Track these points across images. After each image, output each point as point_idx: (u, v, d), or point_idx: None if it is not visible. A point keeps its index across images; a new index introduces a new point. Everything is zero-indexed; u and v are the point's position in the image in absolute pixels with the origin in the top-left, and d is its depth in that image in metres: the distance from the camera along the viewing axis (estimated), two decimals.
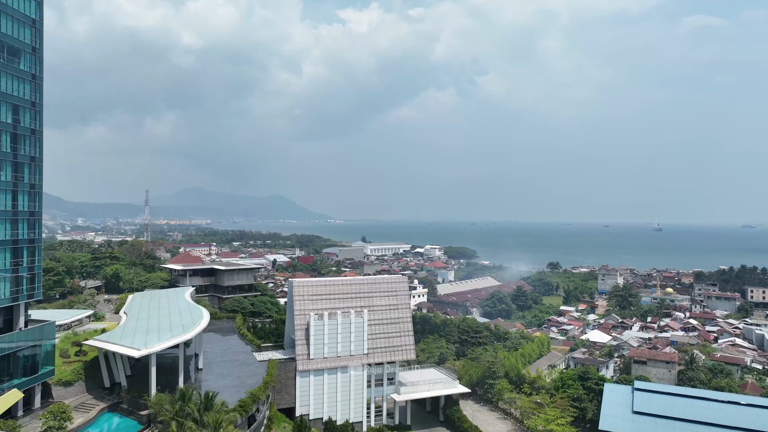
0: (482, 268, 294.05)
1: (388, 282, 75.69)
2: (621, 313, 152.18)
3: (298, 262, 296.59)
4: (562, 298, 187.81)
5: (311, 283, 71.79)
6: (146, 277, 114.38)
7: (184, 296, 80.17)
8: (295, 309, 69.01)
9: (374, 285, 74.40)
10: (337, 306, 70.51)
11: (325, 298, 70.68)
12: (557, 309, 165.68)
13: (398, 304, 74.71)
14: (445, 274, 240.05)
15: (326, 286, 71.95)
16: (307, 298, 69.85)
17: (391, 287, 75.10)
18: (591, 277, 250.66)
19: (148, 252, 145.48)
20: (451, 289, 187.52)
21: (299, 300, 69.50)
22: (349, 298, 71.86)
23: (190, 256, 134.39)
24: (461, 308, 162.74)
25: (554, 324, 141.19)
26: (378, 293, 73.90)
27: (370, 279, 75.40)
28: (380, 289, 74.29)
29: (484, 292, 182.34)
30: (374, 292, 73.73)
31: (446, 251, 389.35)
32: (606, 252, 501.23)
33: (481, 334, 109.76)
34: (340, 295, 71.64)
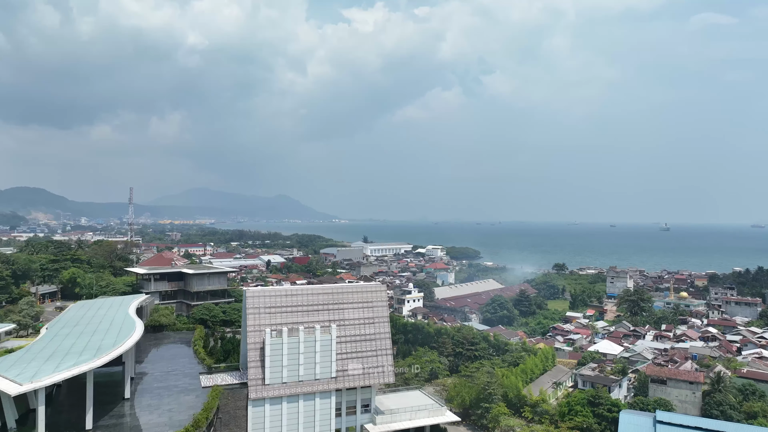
0: (485, 269, 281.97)
1: (363, 291, 64.17)
2: (632, 320, 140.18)
3: (293, 263, 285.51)
4: (569, 302, 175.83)
5: (268, 293, 60.32)
6: (107, 282, 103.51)
7: (128, 307, 68.94)
8: (249, 324, 57.73)
9: (346, 295, 62.92)
10: (299, 320, 59.16)
11: (286, 310, 59.33)
12: (563, 315, 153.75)
13: (375, 318, 63.24)
14: (445, 276, 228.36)
15: (287, 296, 60.52)
16: (263, 311, 58.51)
17: (366, 297, 63.65)
18: (599, 279, 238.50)
19: (119, 253, 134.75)
20: (449, 293, 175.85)
21: (254, 314, 58.20)
22: (315, 311, 60.49)
23: (162, 257, 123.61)
24: (459, 314, 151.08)
25: (560, 332, 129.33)
26: (350, 304, 62.49)
27: (342, 288, 63.77)
28: (353, 300, 62.86)
29: (485, 296, 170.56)
30: (346, 303, 62.32)
31: (448, 252, 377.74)
32: (613, 252, 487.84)
33: (477, 346, 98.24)
34: (304, 307, 60.26)
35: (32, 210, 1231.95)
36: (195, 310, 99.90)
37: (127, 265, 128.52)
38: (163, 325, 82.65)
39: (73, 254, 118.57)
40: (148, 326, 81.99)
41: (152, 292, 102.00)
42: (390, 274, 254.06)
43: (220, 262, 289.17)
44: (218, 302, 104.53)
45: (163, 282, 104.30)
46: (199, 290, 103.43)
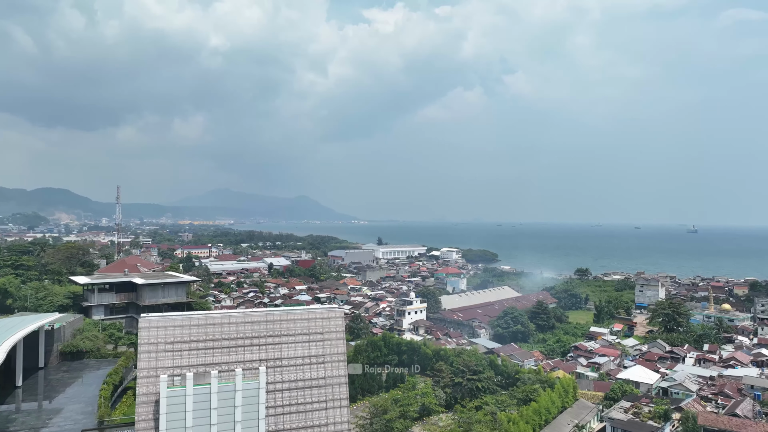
0: (501, 274, 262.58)
1: (310, 318, 47.13)
2: (668, 338, 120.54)
3: (296, 266, 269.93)
4: (593, 314, 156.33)
5: (171, 322, 43.56)
6: (45, 293, 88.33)
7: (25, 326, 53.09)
8: (140, 367, 41.20)
9: (286, 324, 46.01)
10: (214, 361, 42.51)
11: (196, 347, 42.71)
12: (586, 330, 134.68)
13: (326, 356, 46.22)
14: (457, 282, 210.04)
15: (199, 326, 43.76)
16: (161, 349, 41.98)
17: (315, 326, 46.67)
18: (626, 286, 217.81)
19: (82, 257, 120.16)
20: (458, 303, 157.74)
21: (148, 351, 41.71)
22: (239, 347, 43.80)
23: (125, 263, 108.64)
24: (467, 329, 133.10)
25: (582, 353, 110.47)
26: (292, 337, 45.64)
27: (280, 314, 46.82)
28: (296, 331, 45.96)
29: (498, 307, 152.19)
30: (285, 336, 45.48)
31: (464, 254, 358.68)
32: (640, 256, 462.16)
33: (480, 376, 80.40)
34: (223, 341, 43.59)
35: (55, 210, 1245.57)
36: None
37: (90, 271, 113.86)
38: (83, 351, 66.76)
39: (15, 260, 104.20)
40: (65, 353, 66.29)
41: (95, 305, 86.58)
42: (398, 279, 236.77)
43: (221, 264, 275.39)
44: None
45: (110, 293, 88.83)
46: (151, 303, 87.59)
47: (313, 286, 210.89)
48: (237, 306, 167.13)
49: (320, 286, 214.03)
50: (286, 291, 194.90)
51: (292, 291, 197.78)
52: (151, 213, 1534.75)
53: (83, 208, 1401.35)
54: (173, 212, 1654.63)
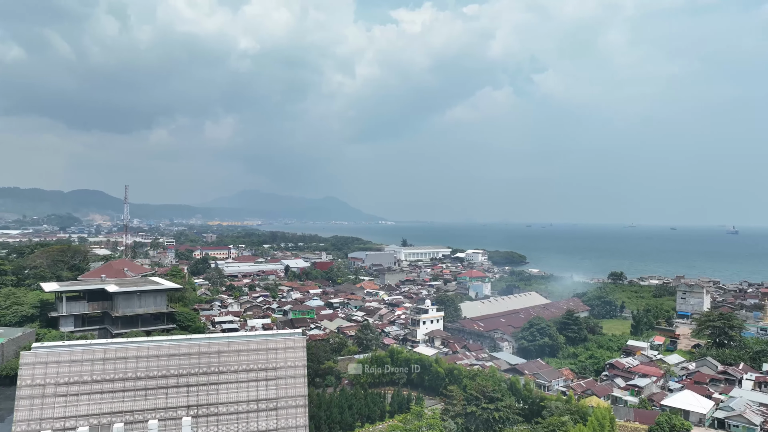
0: (528, 278, 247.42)
1: (259, 349, 36.15)
2: (718, 354, 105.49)
3: (314, 268, 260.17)
4: (630, 323, 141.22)
5: (65, 356, 32.90)
6: (13, 301, 79.51)
7: None
8: (17, 420, 30.63)
9: (224, 357, 35.08)
10: (123, 408, 31.72)
11: (98, 389, 32.00)
12: (623, 343, 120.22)
13: (279, 400, 35.18)
14: (479, 287, 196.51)
15: (104, 360, 33.04)
16: (49, 392, 31.41)
17: (265, 361, 35.64)
18: (665, 292, 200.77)
19: (67, 260, 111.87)
20: (479, 311, 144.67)
21: (29, 398, 31.14)
22: (158, 390, 32.91)
23: (111, 267, 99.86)
24: (488, 341, 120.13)
25: (620, 372, 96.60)
26: (232, 374, 34.60)
27: (218, 343, 36.01)
28: (238, 366, 34.97)
29: (524, 315, 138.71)
30: (223, 373, 34.49)
31: (490, 256, 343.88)
32: (677, 259, 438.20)
33: (498, 404, 68.00)
34: (135, 381, 32.74)
35: (89, 212, 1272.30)
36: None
37: (77, 275, 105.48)
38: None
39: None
40: (2, 376, 56.80)
41: (64, 316, 77.31)
42: (418, 283, 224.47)
43: (237, 266, 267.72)
44: (151, 330, 78.90)
45: (81, 303, 79.48)
46: (125, 314, 77.95)
47: (328, 290, 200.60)
48: (244, 312, 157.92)
49: (336, 290, 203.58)
50: (299, 295, 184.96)
51: (304, 295, 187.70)
52: (181, 214, 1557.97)
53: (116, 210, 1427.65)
54: (203, 213, 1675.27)
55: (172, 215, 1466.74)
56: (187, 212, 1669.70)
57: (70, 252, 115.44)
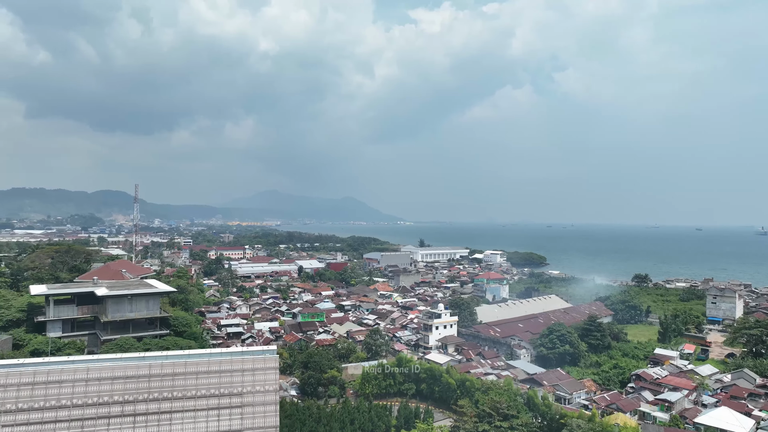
0: (549, 280, 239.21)
1: (222, 371, 30.67)
2: (756, 365, 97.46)
3: (328, 269, 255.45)
4: (657, 330, 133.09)
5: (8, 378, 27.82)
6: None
7: None
8: None
9: (181, 379, 29.68)
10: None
11: (24, 419, 26.75)
12: (650, 351, 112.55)
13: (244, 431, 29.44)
14: (497, 289, 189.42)
15: (33, 385, 27.77)
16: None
17: (230, 384, 30.14)
18: (693, 295, 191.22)
19: (68, 260, 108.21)
20: (496, 315, 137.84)
21: None
22: (99, 420, 27.60)
23: (108, 268, 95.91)
24: (504, 348, 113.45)
25: (647, 384, 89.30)
26: (190, 401, 29.18)
27: (173, 363, 30.67)
28: (197, 391, 29.50)
29: (543, 320, 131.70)
30: (179, 400, 29.07)
31: (509, 257, 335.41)
32: (704, 261, 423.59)
33: (513, 422, 61.78)
34: (71, 410, 27.47)
35: (112, 212, 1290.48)
36: (104, 349, 70.07)
37: (73, 277, 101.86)
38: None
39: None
40: None
41: (51, 320, 73.13)
42: (434, 285, 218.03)
43: (251, 267, 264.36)
44: (143, 336, 74.31)
45: (70, 306, 75.29)
46: (115, 318, 73.49)
47: (340, 292, 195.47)
48: (253, 314, 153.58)
49: (348, 291, 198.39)
50: (310, 297, 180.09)
51: (316, 297, 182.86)
52: (202, 214, 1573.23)
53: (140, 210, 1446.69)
54: (224, 213, 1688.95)
55: (192, 215, 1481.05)
56: (208, 212, 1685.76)
57: (70, 252, 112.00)
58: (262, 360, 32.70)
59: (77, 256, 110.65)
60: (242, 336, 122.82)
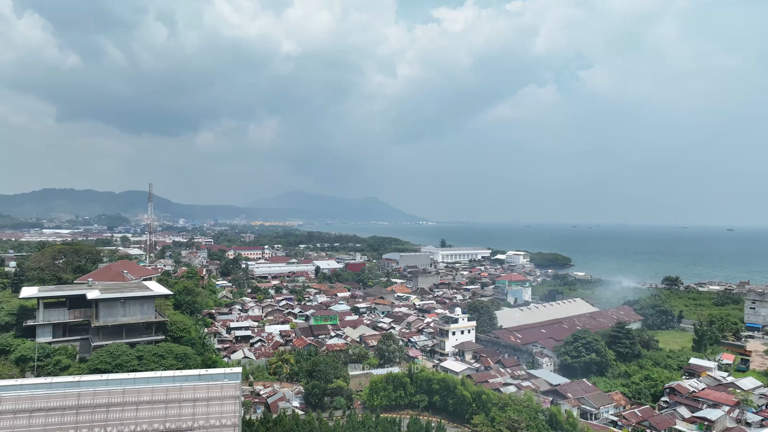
0: (573, 282, 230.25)
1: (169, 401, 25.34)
2: None
3: (345, 269, 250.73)
4: (692, 338, 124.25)
5: None
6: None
7: None
8: None
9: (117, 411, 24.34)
10: None
11: None
12: (684, 361, 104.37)
13: None
14: (519, 292, 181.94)
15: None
16: None
17: (176, 416, 24.78)
18: (728, 299, 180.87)
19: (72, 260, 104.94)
20: (517, 319, 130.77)
21: None
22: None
23: (110, 269, 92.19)
24: (525, 356, 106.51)
25: (682, 399, 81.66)
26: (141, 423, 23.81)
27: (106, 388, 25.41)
28: (136, 425, 24.11)
29: (568, 325, 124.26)
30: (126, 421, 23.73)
31: (532, 258, 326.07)
32: (738, 262, 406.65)
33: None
34: None
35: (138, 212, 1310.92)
36: (94, 356, 65.88)
37: (75, 277, 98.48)
38: None
39: None
40: None
41: (41, 324, 69.20)
42: (453, 287, 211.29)
43: (268, 267, 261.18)
44: (136, 341, 69.92)
45: (62, 310, 71.34)
46: (107, 323, 69.23)
47: (356, 293, 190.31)
48: (265, 316, 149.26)
49: (365, 293, 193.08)
50: (325, 299, 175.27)
51: (332, 298, 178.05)
52: (226, 214, 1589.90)
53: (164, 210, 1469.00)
54: (247, 214, 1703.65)
55: (217, 216, 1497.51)
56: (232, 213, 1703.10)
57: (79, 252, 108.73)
58: (220, 388, 27.39)
59: (83, 256, 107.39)
60: (251, 339, 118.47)
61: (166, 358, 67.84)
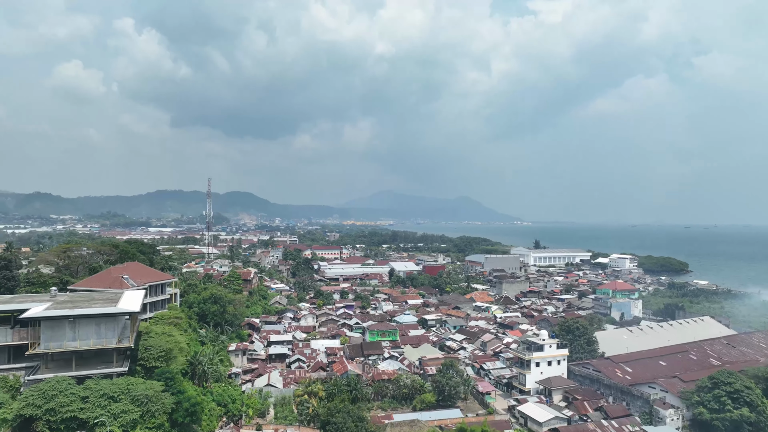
0: (695, 293, 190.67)
1: None
2: None
3: (422, 272, 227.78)
4: None
5: None
6: None
7: None
8: None
9: None
10: None
11: None
12: None
13: None
14: (626, 305, 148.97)
15: None
16: None
17: None
18: None
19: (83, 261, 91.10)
20: (625, 345, 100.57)
21: None
22: None
23: (109, 274, 76.52)
24: (639, 402, 77.54)
25: None
26: None
27: None
28: None
29: (698, 355, 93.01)
30: None
31: (641, 263, 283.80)
32: None
33: None
34: None
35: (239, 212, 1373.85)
36: (23, 395, 48.71)
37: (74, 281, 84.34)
38: None
39: None
40: None
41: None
42: (544, 296, 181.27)
43: (341, 268, 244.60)
44: (87, 375, 52.09)
45: (4, 329, 55.10)
46: (48, 350, 51.92)
47: (429, 301, 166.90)
48: (318, 327, 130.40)
49: (439, 300, 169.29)
50: (392, 307, 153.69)
51: (400, 306, 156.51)
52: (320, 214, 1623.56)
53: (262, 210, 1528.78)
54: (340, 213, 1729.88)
55: (311, 215, 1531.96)
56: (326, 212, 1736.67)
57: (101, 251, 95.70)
58: None
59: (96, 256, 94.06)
60: (288, 358, 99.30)
61: (119, 401, 49.34)
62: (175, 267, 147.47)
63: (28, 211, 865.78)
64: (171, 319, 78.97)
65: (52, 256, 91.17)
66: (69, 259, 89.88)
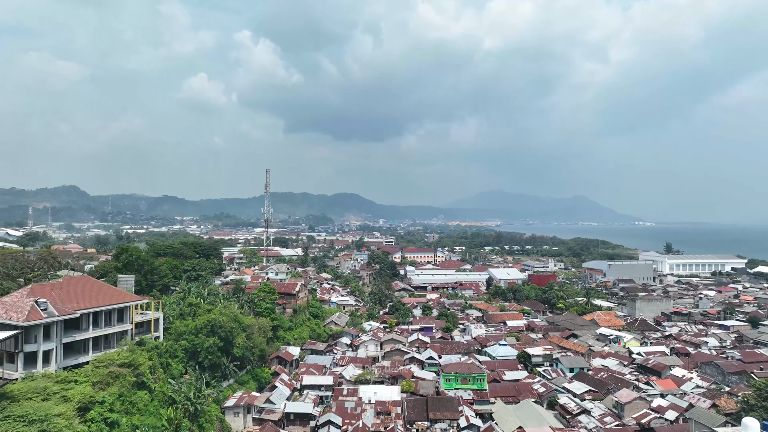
0: None
1: None
2: None
3: (528, 282, 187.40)
4: None
5: None
6: None
7: None
8: None
9: None
10: None
11: None
12: None
13: None
14: None
15: None
16: None
17: None
18: None
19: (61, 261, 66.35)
20: None
21: None
22: None
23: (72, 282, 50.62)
24: None
25: None
26: None
27: None
28: None
29: None
30: None
31: None
32: None
33: None
34: None
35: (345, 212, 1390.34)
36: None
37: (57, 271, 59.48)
38: None
39: None
40: None
41: None
42: (696, 320, 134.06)
43: (431, 275, 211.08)
44: None
45: None
46: None
47: (535, 323, 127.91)
48: (381, 357, 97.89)
49: (550, 322, 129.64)
50: (483, 332, 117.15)
51: (495, 328, 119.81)
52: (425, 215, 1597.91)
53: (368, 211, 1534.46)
54: (446, 214, 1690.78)
55: (416, 216, 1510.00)
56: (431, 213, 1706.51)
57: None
58: None
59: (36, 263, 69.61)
60: (313, 420, 67.27)
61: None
62: (215, 271, 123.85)
63: (157, 213, 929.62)
64: (118, 362, 50.89)
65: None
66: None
